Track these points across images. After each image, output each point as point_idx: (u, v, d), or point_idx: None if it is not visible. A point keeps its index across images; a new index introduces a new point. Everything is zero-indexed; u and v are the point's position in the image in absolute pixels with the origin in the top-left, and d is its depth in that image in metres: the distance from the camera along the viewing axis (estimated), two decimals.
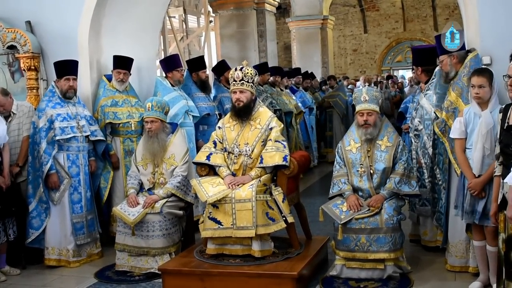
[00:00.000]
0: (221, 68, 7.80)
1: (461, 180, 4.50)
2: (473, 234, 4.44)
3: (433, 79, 5.18)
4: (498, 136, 3.88)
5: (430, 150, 4.99)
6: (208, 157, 4.98)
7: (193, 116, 6.53)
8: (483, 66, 4.49)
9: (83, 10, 6.15)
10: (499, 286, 3.71)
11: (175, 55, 7.36)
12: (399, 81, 16.36)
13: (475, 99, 4.31)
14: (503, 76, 3.95)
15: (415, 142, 5.42)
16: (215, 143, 5.04)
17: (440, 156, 4.94)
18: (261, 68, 8.95)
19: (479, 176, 4.26)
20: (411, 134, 5.53)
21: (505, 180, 3.52)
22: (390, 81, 14.67)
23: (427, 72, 5.44)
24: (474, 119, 4.34)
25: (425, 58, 5.51)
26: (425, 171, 5.15)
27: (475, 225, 4.35)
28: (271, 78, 9.83)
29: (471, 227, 4.43)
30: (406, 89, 13.59)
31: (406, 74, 20.74)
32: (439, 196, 4.99)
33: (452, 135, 4.51)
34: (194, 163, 5.20)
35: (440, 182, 4.95)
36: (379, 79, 15.55)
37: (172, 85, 6.54)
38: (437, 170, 4.97)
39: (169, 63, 6.73)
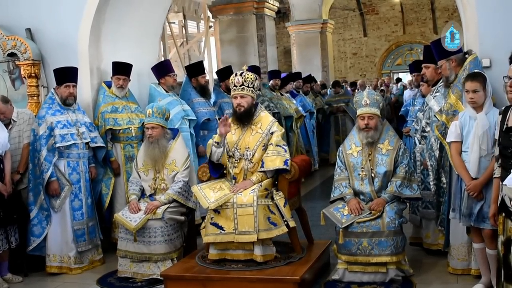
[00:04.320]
0: (225, 73, 7.72)
1: (458, 183, 4.50)
2: (472, 236, 4.44)
3: (442, 81, 5.16)
4: (497, 138, 3.89)
5: (437, 153, 4.97)
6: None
7: (189, 120, 6.52)
8: (476, 71, 4.49)
9: (83, 17, 6.16)
10: None
11: (166, 61, 7.35)
12: (400, 83, 16.44)
13: (470, 103, 4.33)
14: (503, 77, 3.96)
15: (420, 144, 5.40)
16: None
17: (447, 160, 4.93)
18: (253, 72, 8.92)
19: (475, 178, 4.26)
20: (417, 136, 5.50)
21: (504, 183, 3.52)
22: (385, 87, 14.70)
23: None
24: (469, 122, 4.36)
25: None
26: (430, 173, 5.11)
27: (474, 228, 4.34)
28: (271, 82, 9.83)
29: (472, 229, 4.43)
30: (406, 92, 13.61)
31: (405, 77, 20.79)
32: (444, 199, 4.96)
33: (448, 139, 4.52)
34: (210, 161, 5.07)
35: (445, 186, 4.92)
36: (379, 83, 15.55)
37: (166, 91, 6.54)
38: (443, 173, 4.95)
39: (161, 69, 6.70)
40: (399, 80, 16.57)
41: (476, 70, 4.53)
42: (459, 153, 4.43)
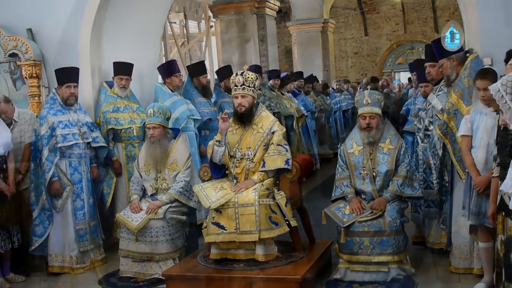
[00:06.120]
0: (225, 72, 7.73)
1: (467, 180, 4.47)
2: (479, 235, 4.41)
3: (445, 80, 5.14)
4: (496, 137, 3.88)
5: (440, 151, 4.95)
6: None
7: (194, 119, 6.54)
8: (486, 67, 4.46)
9: (84, 17, 6.18)
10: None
11: (172, 61, 7.36)
12: (397, 83, 16.42)
13: (482, 101, 4.30)
14: (500, 76, 3.95)
15: (423, 142, 5.39)
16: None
17: (449, 158, 4.91)
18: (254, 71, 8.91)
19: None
20: (420, 135, 5.50)
21: (500, 188, 3.51)
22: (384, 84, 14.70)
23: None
24: (480, 117, 4.33)
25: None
26: (433, 172, 5.09)
27: (481, 226, 4.32)
28: (270, 82, 9.83)
29: (475, 228, 4.41)
30: (410, 91, 13.58)
31: (406, 76, 20.75)
32: (446, 198, 4.94)
33: (458, 133, 4.49)
34: (211, 162, 5.08)
35: (447, 184, 4.90)
36: (381, 83, 15.53)
37: (172, 91, 6.55)
38: (445, 172, 4.93)
39: (168, 69, 6.74)
40: (410, 80, 16.57)
41: (486, 67, 4.49)
42: (469, 148, 4.40)
